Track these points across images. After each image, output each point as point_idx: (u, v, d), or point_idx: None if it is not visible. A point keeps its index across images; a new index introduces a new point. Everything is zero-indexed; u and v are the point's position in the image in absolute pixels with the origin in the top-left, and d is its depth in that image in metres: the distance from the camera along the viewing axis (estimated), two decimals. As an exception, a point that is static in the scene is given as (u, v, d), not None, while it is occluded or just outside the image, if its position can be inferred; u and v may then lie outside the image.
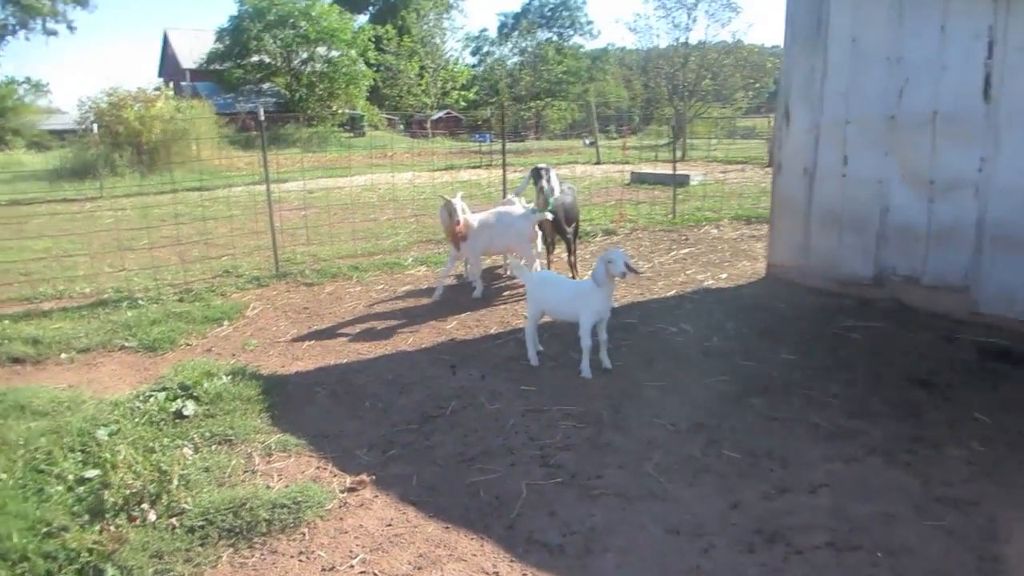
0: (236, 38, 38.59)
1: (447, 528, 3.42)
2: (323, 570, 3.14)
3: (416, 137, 42.37)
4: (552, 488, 3.74)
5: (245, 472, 3.95)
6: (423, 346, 6.03)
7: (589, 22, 70.90)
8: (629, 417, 4.54)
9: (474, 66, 64.64)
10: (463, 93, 51.37)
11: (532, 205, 7.50)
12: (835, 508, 3.50)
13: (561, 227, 7.46)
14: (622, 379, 5.12)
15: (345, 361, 5.72)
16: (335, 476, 3.93)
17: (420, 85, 47.11)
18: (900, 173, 6.60)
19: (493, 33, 69.44)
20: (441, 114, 52.01)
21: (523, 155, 27.12)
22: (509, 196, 8.28)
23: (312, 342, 6.22)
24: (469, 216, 7.11)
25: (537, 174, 7.22)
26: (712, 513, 3.48)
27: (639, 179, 17.33)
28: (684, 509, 3.53)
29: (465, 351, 5.88)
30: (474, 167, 22.64)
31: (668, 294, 7.39)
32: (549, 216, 7.14)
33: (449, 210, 6.98)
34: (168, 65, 48.76)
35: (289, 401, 4.92)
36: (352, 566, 3.16)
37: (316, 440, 4.34)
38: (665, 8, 42.88)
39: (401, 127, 46.89)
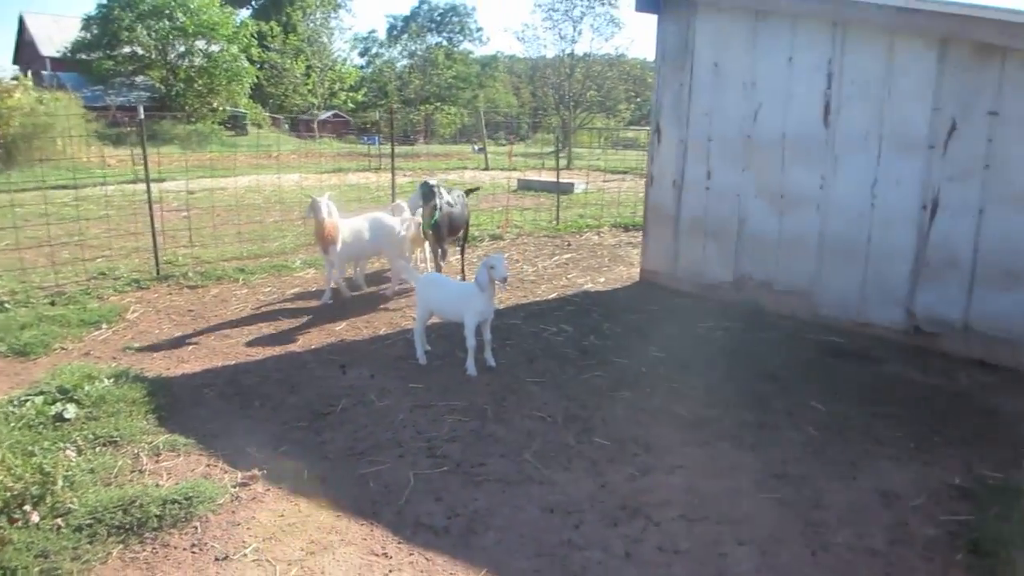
0: (105, 27, 36.39)
1: (338, 516, 3.62)
2: (216, 560, 3.26)
3: (303, 138, 41.44)
4: (438, 476, 4.01)
5: (133, 472, 3.97)
6: (313, 347, 6.14)
7: (478, 29, 71.71)
8: (511, 410, 4.87)
9: (362, 67, 63.87)
10: (351, 94, 50.67)
11: (407, 215, 7.73)
12: (688, 486, 3.95)
13: (440, 239, 7.51)
14: (505, 376, 5.45)
15: (233, 363, 5.75)
16: (226, 472, 4.02)
17: (307, 85, 46.13)
18: (755, 188, 7.31)
19: (382, 35, 68.91)
20: (328, 115, 51.10)
21: (412, 159, 27.24)
22: (398, 201, 8.47)
23: (198, 344, 6.19)
24: (337, 219, 7.10)
25: (429, 193, 7.15)
26: (583, 493, 3.85)
27: (526, 186, 17.88)
28: (558, 491, 3.88)
29: (355, 351, 6.04)
30: (363, 170, 22.53)
31: (550, 296, 7.82)
32: (426, 230, 7.30)
33: (314, 208, 6.90)
34: (25, 52, 45.23)
35: (176, 402, 4.92)
36: (245, 555, 3.30)
37: (206, 439, 4.40)
38: (552, 20, 44.05)
39: (286, 127, 45.69)
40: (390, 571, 3.20)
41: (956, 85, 5.82)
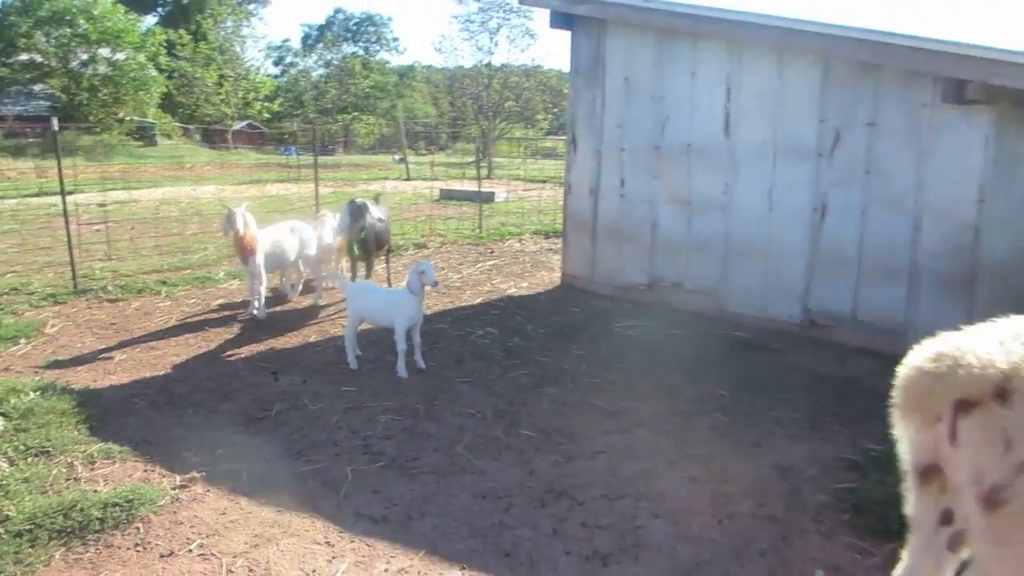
0: (1, 34, 34.67)
1: (280, 511, 3.77)
2: (162, 556, 3.38)
3: (217, 148, 40.42)
4: (375, 471, 4.21)
5: (68, 480, 4.01)
6: (243, 355, 6.21)
7: (395, 39, 71.38)
8: (442, 409, 5.11)
9: (276, 77, 62.72)
10: (267, 104, 49.67)
11: (331, 224, 7.88)
12: (609, 469, 4.29)
13: (368, 254, 7.55)
14: (435, 377, 5.69)
15: (162, 373, 5.77)
16: (164, 476, 4.11)
17: (219, 94, 44.98)
18: (665, 195, 7.80)
19: (296, 44, 67.87)
20: (242, 125, 49.98)
21: (333, 169, 27.04)
22: (323, 212, 8.58)
23: (124, 357, 6.16)
24: (255, 229, 7.14)
25: (358, 212, 7.08)
26: (512, 480, 4.13)
27: (448, 195, 18.12)
28: (489, 479, 4.14)
29: (285, 359, 6.15)
30: (282, 181, 22.27)
31: (475, 302, 8.10)
32: (352, 251, 7.37)
33: (230, 220, 6.89)
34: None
35: (107, 413, 4.93)
36: (190, 550, 3.42)
37: (141, 446, 4.46)
38: (468, 31, 44.47)
39: (198, 137, 44.46)
40: (333, 558, 3.39)
41: (839, 99, 6.43)
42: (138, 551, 3.42)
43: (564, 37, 8.46)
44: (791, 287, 6.97)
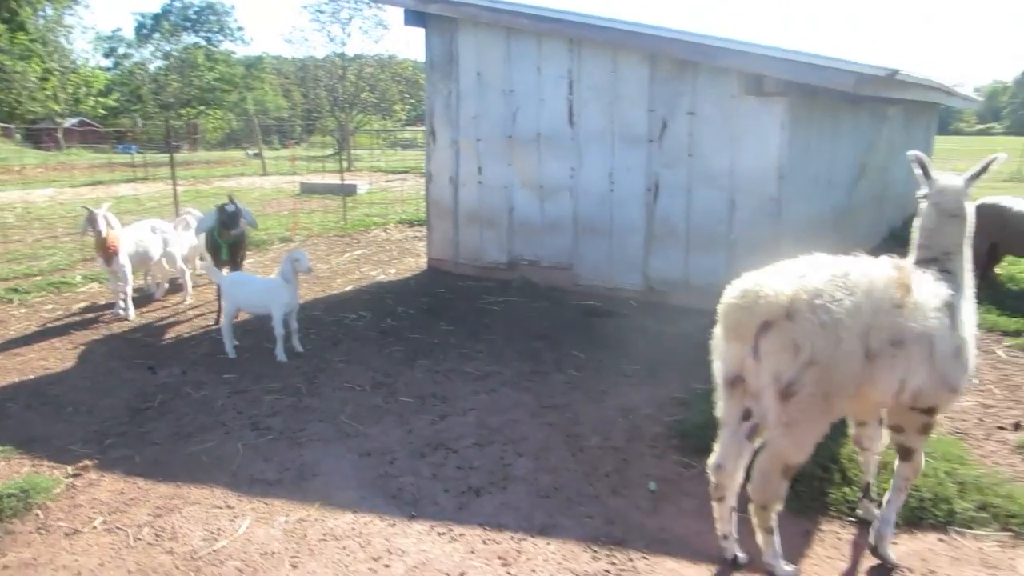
0: None
1: (177, 486, 4.06)
2: (66, 535, 3.60)
3: (45, 149, 37.40)
4: (265, 444, 4.56)
5: (-47, 480, 4.08)
6: (116, 355, 6.26)
7: (239, 28, 68.37)
8: (323, 386, 5.49)
9: (108, 69, 58.64)
10: (101, 99, 46.40)
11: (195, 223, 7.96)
12: (479, 422, 4.86)
13: (236, 260, 7.27)
14: (314, 359, 6.04)
15: (33, 377, 5.75)
16: (55, 468, 4.26)
17: (44, 90, 41.52)
18: (520, 180, 8.46)
19: (130, 34, 63.64)
20: (74, 122, 46.46)
21: (184, 167, 25.90)
22: (188, 209, 8.58)
23: (-16, 364, 6.05)
24: (118, 230, 7.15)
25: (232, 220, 6.72)
26: (393, 439, 4.61)
27: (309, 189, 18.05)
28: (372, 440, 4.60)
29: (161, 354, 6.27)
30: (128, 181, 21.21)
31: (346, 289, 8.44)
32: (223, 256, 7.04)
33: (91, 221, 6.87)
34: None
35: (-21, 417, 4.93)
36: (95, 527, 3.67)
37: (23, 444, 4.55)
38: (319, 21, 43.64)
39: (19, 137, 40.86)
40: (235, 517, 3.75)
41: (664, 91, 7.31)
42: (41, 533, 3.62)
43: (419, 31, 8.89)
44: (633, 259, 7.82)
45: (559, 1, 8.26)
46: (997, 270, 8.60)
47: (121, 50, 61.35)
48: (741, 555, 3.34)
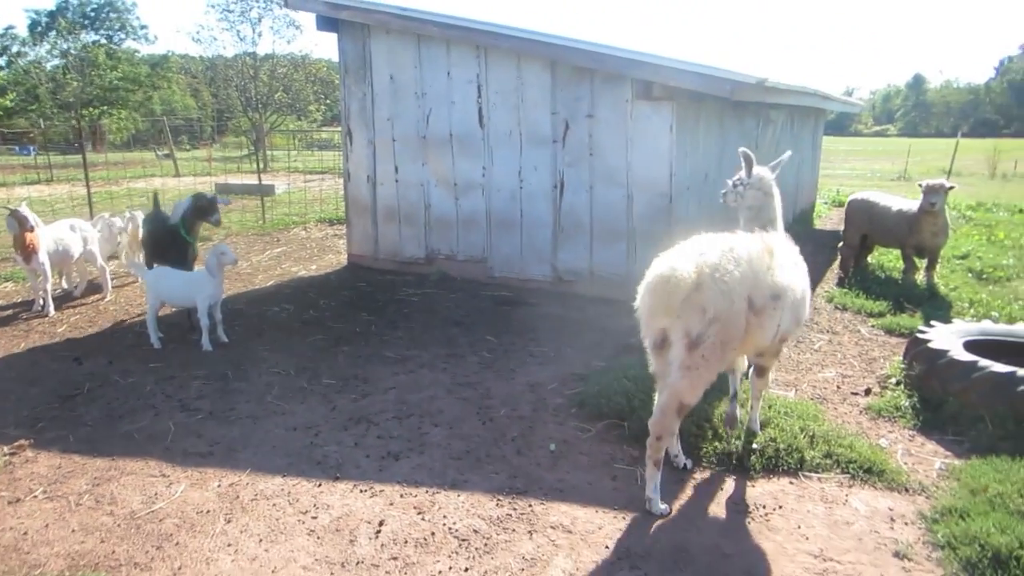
0: None
1: (113, 459, 4.34)
2: (10, 503, 3.85)
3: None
4: (195, 422, 4.87)
5: None
6: (39, 348, 6.38)
7: (143, 26, 65.73)
8: (249, 372, 5.80)
9: (0, 68, 55.52)
10: (-4, 99, 44.06)
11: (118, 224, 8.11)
12: (399, 399, 5.30)
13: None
14: (239, 348, 6.33)
15: (-47, 371, 5.83)
16: (-11, 450, 4.46)
17: (-68, 87, 39.13)
18: (435, 179, 8.91)
19: (23, 31, 60.39)
20: (-37, 122, 43.88)
21: (91, 168, 25.07)
22: (132, 212, 8.64)
23: (-99, 361, 6.07)
24: (40, 229, 7.25)
25: (212, 207, 6.76)
26: (318, 416, 5.00)
27: (225, 189, 17.91)
28: (299, 417, 4.98)
29: (85, 346, 6.43)
30: (31, 183, 20.48)
31: (268, 284, 8.69)
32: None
33: (19, 219, 6.94)
34: None
35: (-97, 409, 5.04)
36: (35, 496, 3.93)
37: (-46, 431, 4.71)
38: (228, 21, 42.63)
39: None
40: (171, 484, 4.07)
41: (565, 95, 7.90)
42: (-17, 505, 3.86)
43: (332, 35, 9.22)
44: (542, 251, 8.39)
45: (469, 9, 8.77)
46: (868, 259, 9.62)
47: (15, 48, 58.13)
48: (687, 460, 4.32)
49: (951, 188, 8.04)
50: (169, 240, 6.71)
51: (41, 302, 7.35)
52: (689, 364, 3.59)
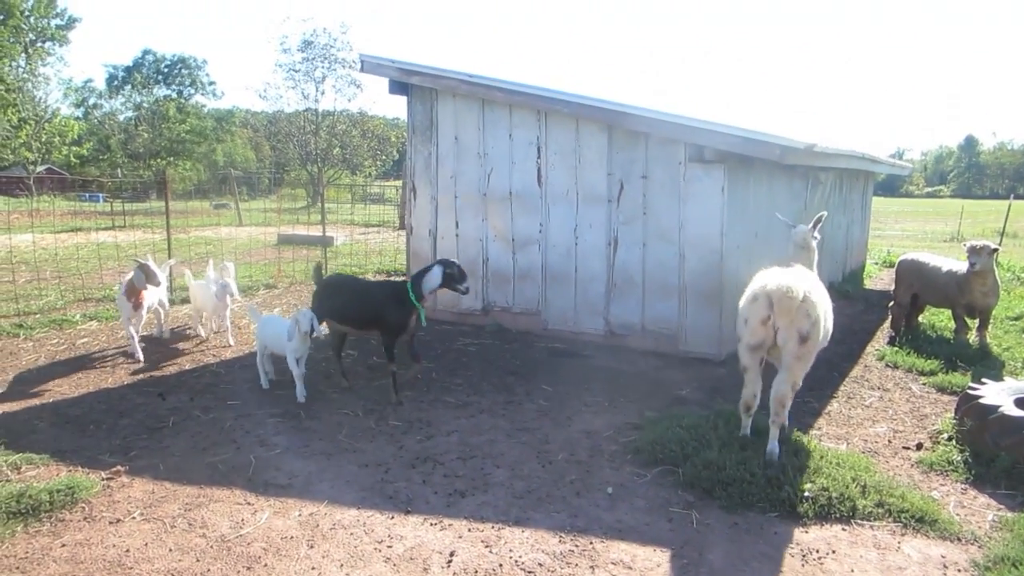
0: None
1: (201, 487, 4.70)
2: (110, 523, 4.21)
3: (15, 196, 37.53)
4: (274, 456, 5.22)
5: (2, 482, 4.66)
6: (126, 383, 6.87)
7: (211, 82, 69.38)
8: (320, 411, 6.17)
9: (77, 119, 58.98)
10: (74, 148, 46.77)
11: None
12: (461, 441, 5.58)
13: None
14: (310, 390, 6.63)
15: (52, 400, 6.33)
16: (89, 473, 4.86)
17: (19, 138, 41.81)
18: (493, 234, 9.34)
19: (101, 85, 64.28)
20: (41, 170, 46.68)
21: (157, 216, 26.39)
22: (224, 263, 9.19)
23: (5, 391, 6.59)
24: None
25: (462, 276, 6.67)
26: (387, 455, 5.31)
27: (286, 240, 18.72)
28: (369, 455, 5.29)
29: (168, 383, 6.89)
30: (106, 228, 21.67)
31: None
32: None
33: (147, 273, 7.42)
34: None
35: (11, 434, 5.47)
36: (134, 517, 4.29)
37: (57, 454, 5.14)
38: (294, 79, 44.76)
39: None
40: (256, 511, 4.40)
41: (621, 157, 8.29)
42: (88, 522, 4.23)
43: (400, 98, 9.83)
44: (595, 305, 8.68)
45: (529, 75, 9.30)
46: (920, 319, 9.66)
47: (92, 100, 61.85)
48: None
49: (996, 250, 8.13)
50: (394, 301, 6.55)
51: (134, 347, 7.75)
52: (799, 354, 4.95)
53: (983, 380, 5.94)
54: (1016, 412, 5.11)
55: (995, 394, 5.50)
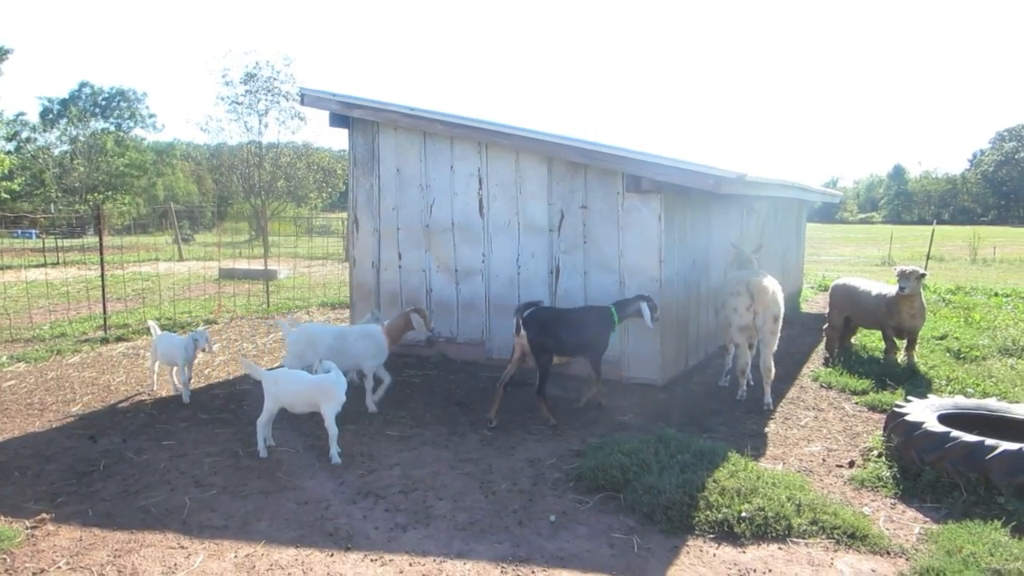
0: None
1: (132, 533, 4.54)
2: (34, 574, 4.03)
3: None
4: (209, 497, 5.08)
5: (-84, 536, 4.42)
6: (54, 426, 6.61)
7: (152, 115, 68.13)
8: (260, 450, 6.03)
9: (8, 152, 57.07)
10: (5, 183, 45.20)
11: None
12: (404, 474, 5.53)
13: None
14: (249, 427, 6.52)
15: (-28, 448, 6.05)
16: (12, 522, 4.65)
17: (-56, 173, 40.28)
18: (436, 265, 9.35)
19: (34, 118, 62.44)
20: (-36, 206, 44.81)
21: (92, 252, 25.63)
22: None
23: (-78, 438, 6.28)
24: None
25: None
26: (327, 490, 5.22)
27: (228, 274, 18.40)
28: (309, 492, 5.20)
29: (98, 425, 6.66)
30: (38, 266, 20.93)
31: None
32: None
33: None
34: None
35: (-72, 484, 5.23)
36: (59, 567, 4.11)
37: (-23, 504, 4.91)
38: (236, 112, 44.16)
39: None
40: (189, 555, 4.27)
41: (561, 188, 8.44)
42: (9, 574, 4.04)
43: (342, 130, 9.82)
44: (539, 334, 8.72)
45: (469, 107, 9.41)
46: (852, 340, 10.00)
47: (25, 133, 59.98)
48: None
49: (923, 275, 8.50)
50: (596, 320, 7.26)
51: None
52: (773, 331, 7.37)
53: (909, 398, 6.18)
54: (939, 428, 5.32)
55: (920, 411, 5.73)
